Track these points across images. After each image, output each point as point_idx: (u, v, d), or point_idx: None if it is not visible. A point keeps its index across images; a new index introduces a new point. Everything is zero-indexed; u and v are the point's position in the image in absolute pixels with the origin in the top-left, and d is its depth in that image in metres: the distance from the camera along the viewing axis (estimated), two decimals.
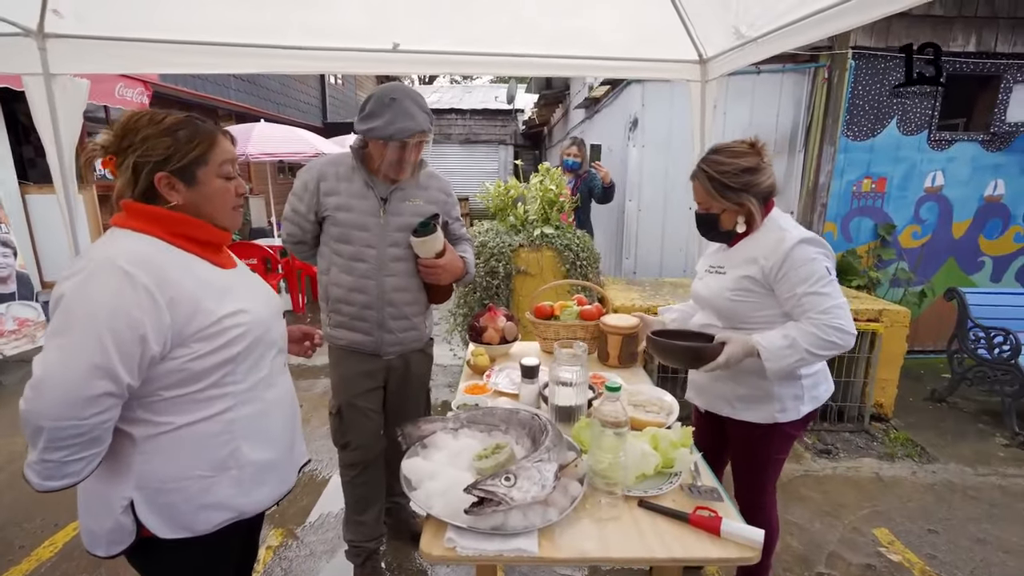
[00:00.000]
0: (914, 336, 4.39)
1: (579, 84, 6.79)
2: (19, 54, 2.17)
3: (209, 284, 0.99)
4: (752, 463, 1.63)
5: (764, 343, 1.37)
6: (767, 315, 1.47)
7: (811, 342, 1.34)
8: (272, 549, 2.15)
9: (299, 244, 1.79)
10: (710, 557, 0.98)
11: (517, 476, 1.01)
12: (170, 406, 0.96)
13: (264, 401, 1.08)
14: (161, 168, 0.97)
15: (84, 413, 0.85)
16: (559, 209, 3.40)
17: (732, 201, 1.45)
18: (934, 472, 2.77)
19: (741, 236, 1.51)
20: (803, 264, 1.37)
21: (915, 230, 4.36)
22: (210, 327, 0.96)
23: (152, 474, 0.95)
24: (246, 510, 1.05)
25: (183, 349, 0.94)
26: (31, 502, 2.41)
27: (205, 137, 1.00)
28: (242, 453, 1.03)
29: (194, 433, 0.98)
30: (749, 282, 1.45)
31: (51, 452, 0.86)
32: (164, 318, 0.90)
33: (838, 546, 2.20)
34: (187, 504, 0.98)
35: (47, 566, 2.06)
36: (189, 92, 6.53)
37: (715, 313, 1.56)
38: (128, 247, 0.93)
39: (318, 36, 2.37)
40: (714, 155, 1.47)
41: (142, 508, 0.95)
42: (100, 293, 0.87)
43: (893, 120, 4.16)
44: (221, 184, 1.03)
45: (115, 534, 0.96)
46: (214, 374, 0.98)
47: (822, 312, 1.35)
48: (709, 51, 2.53)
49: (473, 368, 1.89)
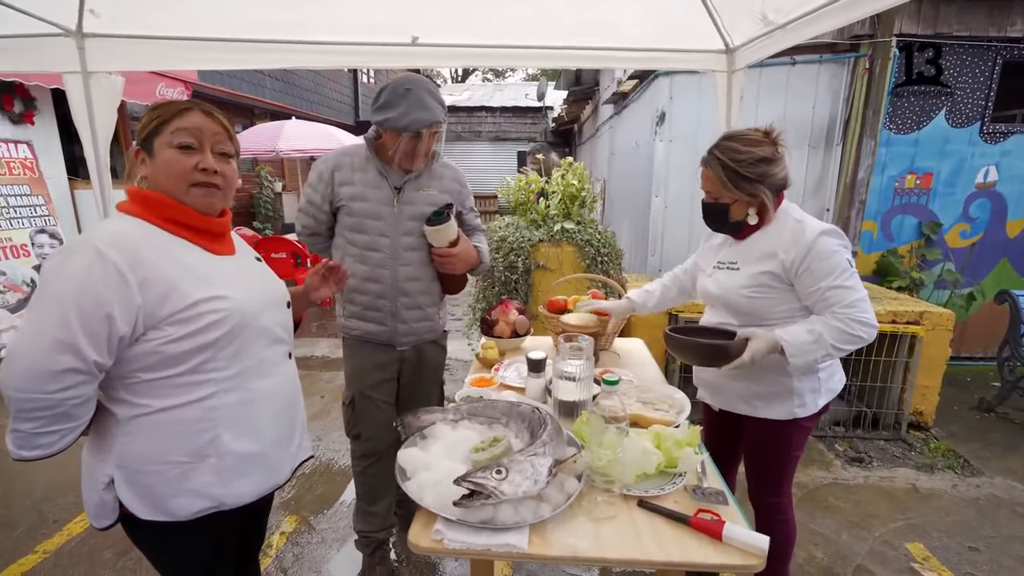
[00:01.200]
0: (961, 342, 4.14)
1: (608, 79, 6.69)
2: (60, 53, 2.27)
3: (189, 268, 0.98)
4: (770, 461, 1.57)
5: (788, 338, 1.33)
6: (786, 310, 1.42)
7: (836, 336, 1.30)
8: (286, 535, 2.20)
9: (313, 236, 1.81)
10: (710, 562, 0.92)
11: (509, 469, 0.98)
12: (149, 388, 0.96)
13: (250, 391, 1.05)
14: (137, 142, 1.01)
15: (48, 387, 0.86)
16: (580, 204, 3.35)
17: (745, 192, 1.38)
18: (978, 486, 2.59)
19: (751, 229, 1.46)
20: (826, 257, 1.32)
21: (964, 229, 4.10)
22: (184, 311, 0.95)
23: (132, 454, 0.96)
24: (226, 501, 1.03)
25: (156, 332, 0.94)
26: (68, 479, 2.53)
27: (167, 110, 1.00)
28: (222, 442, 1.01)
29: (173, 417, 0.97)
30: (768, 277, 1.39)
31: (19, 423, 0.88)
32: (134, 298, 0.90)
33: (867, 559, 2.08)
34: (165, 487, 0.98)
35: (76, 540, 2.16)
36: (226, 91, 6.75)
37: (729, 311, 1.50)
38: (111, 228, 0.95)
39: (338, 31, 2.39)
40: (729, 142, 1.40)
41: (121, 486, 0.96)
42: (71, 271, 0.88)
43: (941, 112, 3.92)
44: (171, 154, 0.99)
45: (100, 508, 0.98)
46: (192, 359, 0.97)
47: (847, 306, 1.31)
48: (736, 40, 2.43)
49: (482, 361, 1.87)
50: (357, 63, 2.76)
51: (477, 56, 2.61)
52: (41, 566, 2.02)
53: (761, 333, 1.35)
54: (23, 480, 2.56)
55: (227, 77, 6.76)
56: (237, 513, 1.08)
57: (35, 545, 2.12)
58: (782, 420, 1.47)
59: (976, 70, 3.82)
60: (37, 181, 4.18)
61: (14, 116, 4.52)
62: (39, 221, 4.10)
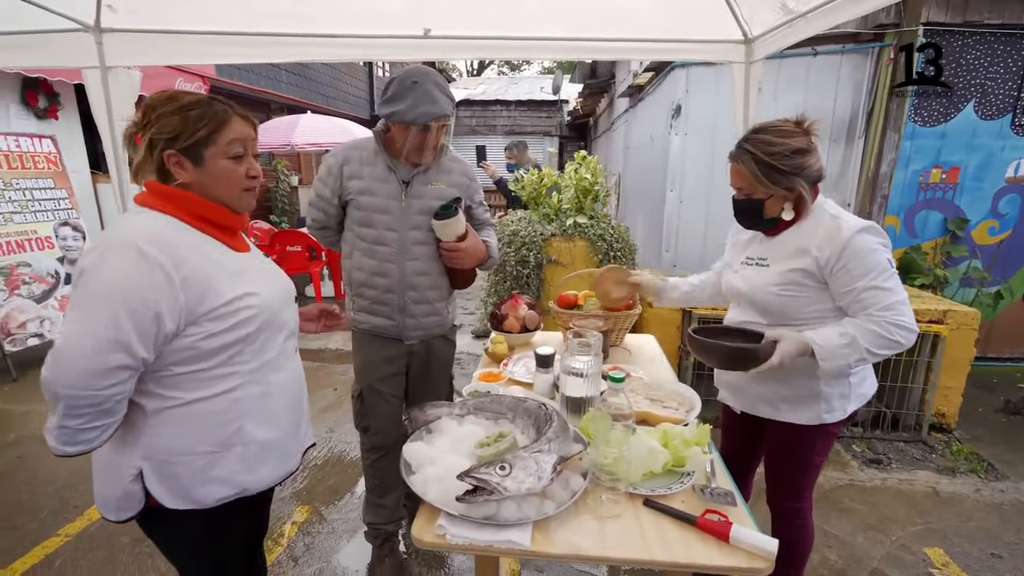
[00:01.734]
0: (987, 342, 4.01)
1: (624, 72, 6.60)
2: (79, 49, 2.32)
3: (222, 266, 1.01)
4: (792, 466, 1.51)
5: (820, 341, 1.26)
6: (817, 310, 1.35)
7: (872, 341, 1.24)
8: (297, 525, 2.23)
9: (324, 230, 1.81)
10: (715, 564, 0.91)
11: (512, 466, 0.97)
12: (180, 381, 0.99)
13: (269, 383, 1.09)
14: (170, 146, 0.99)
15: (100, 384, 0.88)
16: (594, 199, 3.32)
17: (782, 186, 1.31)
18: (1002, 491, 2.51)
19: (785, 225, 1.39)
20: (864, 255, 1.25)
21: (992, 225, 3.96)
22: (221, 307, 0.98)
23: (160, 446, 0.99)
24: (249, 487, 1.07)
25: (195, 328, 0.97)
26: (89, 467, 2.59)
27: (214, 117, 1.00)
28: (246, 431, 1.05)
29: (201, 409, 1.00)
30: (800, 275, 1.33)
31: (68, 419, 0.90)
32: (178, 297, 0.93)
33: (882, 563, 2.03)
34: (192, 477, 1.00)
35: (96, 525, 2.22)
36: (243, 85, 6.82)
37: (756, 309, 1.45)
38: (145, 225, 0.96)
39: (351, 24, 2.39)
40: (761, 135, 1.33)
41: (150, 478, 0.99)
42: (117, 270, 0.90)
43: (970, 103, 3.78)
44: (227, 165, 1.02)
45: (124, 501, 1.00)
46: (223, 353, 1.00)
47: (884, 308, 1.24)
48: (755, 30, 2.36)
49: (491, 356, 1.86)
50: (370, 56, 2.76)
51: (490, 48, 2.59)
52: (63, 548, 2.08)
53: (790, 335, 1.29)
54: (46, 468, 2.63)
55: (244, 72, 6.83)
56: (248, 501, 1.10)
57: (57, 529, 2.19)
58: (807, 425, 1.41)
59: (1008, 60, 3.68)
60: (61, 175, 4.27)
61: (38, 111, 4.63)
62: (62, 214, 4.20)
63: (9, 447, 2.82)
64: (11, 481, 2.53)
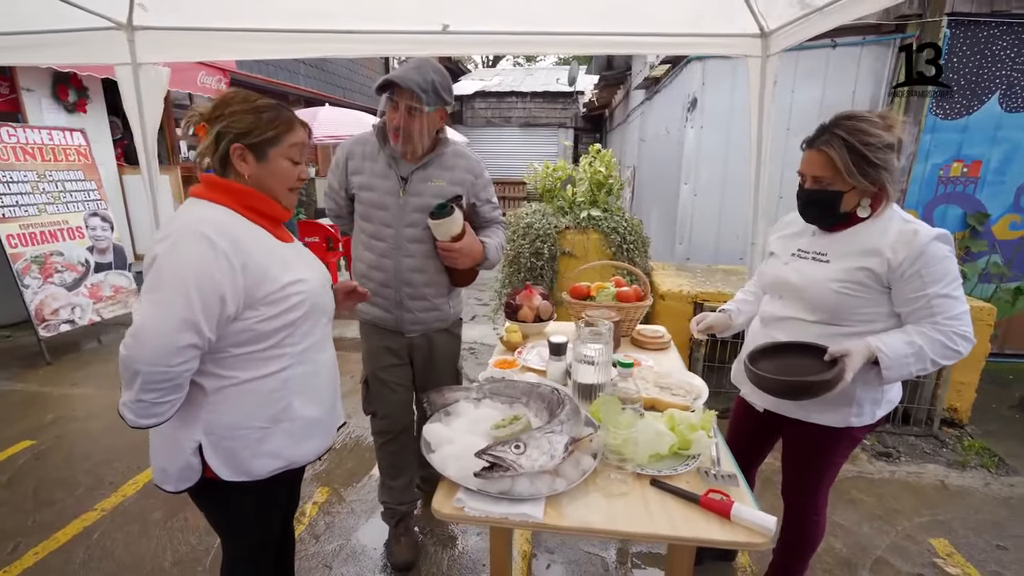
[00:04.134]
0: (1005, 338, 3.98)
1: (640, 64, 6.56)
2: (112, 46, 2.41)
3: (274, 254, 1.10)
4: (813, 466, 1.48)
5: (886, 350, 1.21)
6: (870, 313, 1.30)
7: (937, 351, 1.21)
8: (318, 505, 2.33)
9: (338, 218, 1.88)
10: (716, 539, 0.96)
11: (527, 445, 1.04)
12: (237, 362, 1.08)
13: (315, 363, 1.19)
14: (240, 140, 1.08)
15: (173, 361, 0.97)
16: (607, 192, 3.35)
17: (870, 179, 1.23)
18: (1012, 485, 2.52)
19: (852, 222, 1.32)
20: (939, 262, 1.21)
21: (1014, 220, 3.90)
22: (275, 292, 1.07)
23: (218, 422, 1.08)
24: (296, 460, 1.17)
25: (252, 311, 1.06)
26: (122, 446, 2.74)
27: (283, 121, 1.10)
28: (294, 408, 1.14)
29: (255, 388, 1.09)
30: (865, 275, 1.27)
31: (145, 393, 0.98)
32: (239, 281, 1.02)
33: (887, 552, 2.06)
34: (247, 451, 1.10)
35: (130, 500, 2.34)
36: (263, 79, 6.93)
37: (805, 304, 1.37)
38: (207, 215, 1.05)
39: (372, 20, 2.45)
40: (855, 122, 1.24)
41: (208, 451, 1.08)
42: (188, 256, 0.98)
43: (995, 95, 3.71)
44: (287, 165, 1.12)
45: (184, 472, 1.09)
46: (276, 336, 1.09)
47: (952, 318, 1.21)
48: (771, 24, 2.36)
49: (506, 344, 1.93)
50: (389, 51, 2.81)
51: (507, 43, 2.63)
52: (100, 522, 2.20)
53: (855, 347, 1.22)
54: (82, 447, 2.78)
55: (263, 65, 6.93)
56: (289, 475, 1.20)
57: (95, 504, 2.32)
58: (834, 428, 1.38)
59: None
60: (90, 167, 4.42)
61: (68, 105, 4.78)
62: (92, 205, 4.35)
63: (47, 427, 2.97)
64: (50, 459, 2.67)
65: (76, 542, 2.09)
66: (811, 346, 1.31)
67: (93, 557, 2.01)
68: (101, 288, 4.27)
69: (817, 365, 1.25)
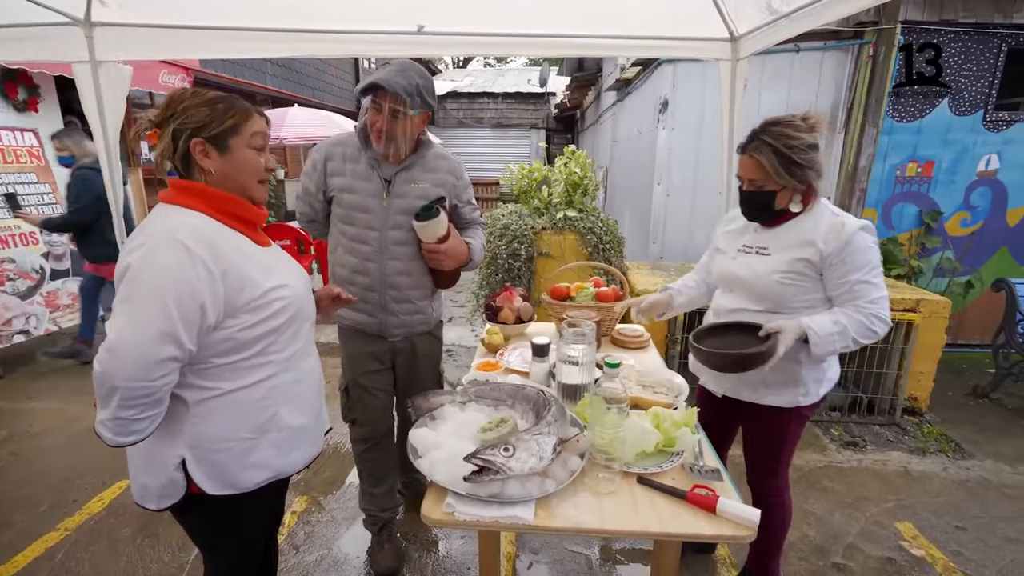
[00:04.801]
0: (959, 329, 4.19)
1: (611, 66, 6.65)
2: (69, 43, 2.29)
3: (253, 259, 1.06)
4: (769, 447, 1.61)
5: (815, 327, 1.34)
6: (810, 299, 1.44)
7: (858, 330, 1.34)
8: (297, 514, 2.28)
9: (312, 223, 1.83)
10: (703, 533, 0.99)
11: (516, 447, 1.04)
12: (220, 372, 1.04)
13: (300, 370, 1.16)
14: (198, 134, 1.04)
15: (153, 375, 0.92)
16: (583, 192, 3.38)
17: (796, 178, 1.36)
18: (968, 469, 2.66)
19: (786, 217, 1.45)
20: (862, 252, 1.35)
21: (964, 217, 4.12)
22: (257, 299, 1.03)
23: (202, 435, 1.04)
24: (284, 470, 1.14)
25: (233, 319, 1.02)
26: (86, 462, 2.61)
27: (240, 110, 1.07)
28: (280, 417, 1.11)
29: (240, 398, 1.06)
30: (803, 265, 1.40)
31: (123, 410, 0.93)
32: (219, 289, 0.98)
33: (857, 538, 2.15)
34: (233, 463, 1.06)
35: (96, 519, 2.24)
36: (228, 78, 6.72)
37: (753, 296, 1.50)
38: (182, 221, 1.00)
39: (344, 20, 2.40)
40: (779, 128, 1.37)
41: (192, 466, 1.03)
42: (164, 264, 0.94)
43: (945, 100, 3.92)
44: (251, 155, 1.08)
45: (167, 489, 1.05)
46: (259, 344, 1.06)
47: (871, 301, 1.35)
48: (741, 28, 2.43)
49: (487, 346, 1.92)
50: (362, 51, 2.77)
51: (482, 44, 2.62)
52: (63, 543, 2.10)
53: (787, 324, 1.34)
54: (41, 463, 2.64)
55: (229, 64, 6.73)
56: (276, 485, 1.17)
57: (56, 523, 2.21)
58: (785, 408, 1.50)
59: (981, 58, 3.81)
60: (43, 169, 4.21)
61: (18, 104, 4.52)
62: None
63: (3, 444, 2.81)
64: (7, 478, 2.53)
65: (37, 565, 1.99)
66: (750, 325, 1.44)
67: None
68: (58, 296, 4.07)
69: (754, 341, 1.38)
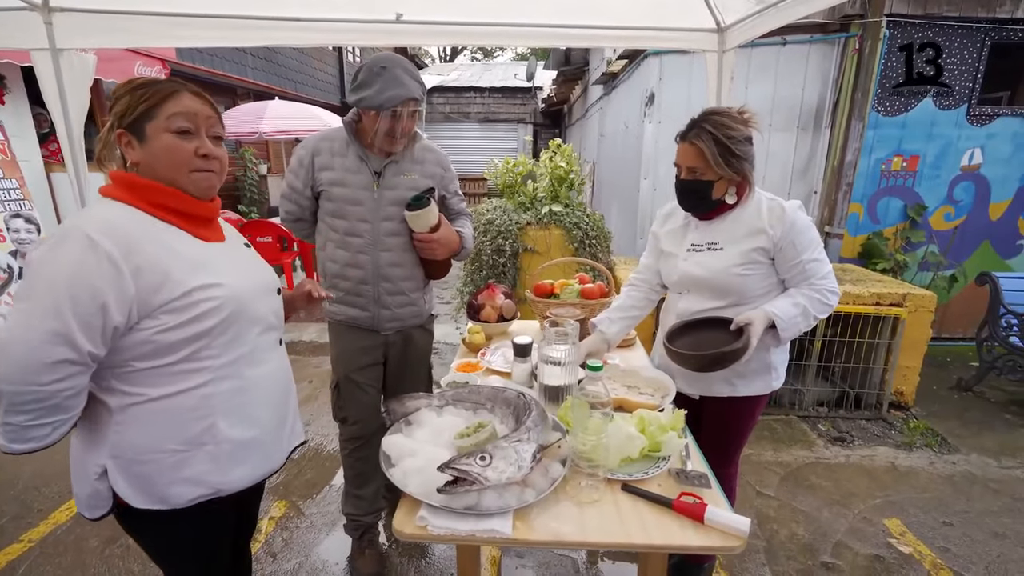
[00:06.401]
0: (942, 323, 4.22)
1: (597, 59, 6.59)
2: (26, 29, 2.17)
3: (181, 256, 0.96)
4: (733, 436, 1.62)
5: (780, 313, 1.36)
6: (767, 285, 1.45)
7: (816, 307, 1.38)
8: (274, 520, 2.20)
9: (298, 222, 1.78)
10: (691, 544, 0.94)
11: (492, 456, 0.98)
12: (143, 377, 0.95)
13: (244, 378, 1.05)
14: (120, 124, 0.96)
15: (42, 379, 0.84)
16: (569, 187, 3.33)
17: (734, 169, 1.37)
18: (954, 463, 2.66)
19: (723, 209, 1.45)
20: (805, 231, 1.38)
21: (948, 211, 4.14)
22: (178, 299, 0.94)
23: (126, 444, 0.95)
24: (223, 488, 1.03)
25: (151, 320, 0.93)
26: (52, 470, 2.51)
27: (157, 92, 0.96)
28: (219, 429, 1.01)
29: (168, 406, 0.96)
30: (758, 253, 1.40)
31: (13, 415, 0.86)
32: (128, 287, 0.89)
33: (846, 536, 2.13)
34: (160, 476, 0.97)
35: (63, 528, 2.14)
36: (207, 70, 6.54)
37: (714, 293, 1.47)
38: (101, 215, 0.93)
39: (321, 7, 2.31)
40: (720, 117, 1.37)
41: (115, 476, 0.95)
42: (63, 260, 0.86)
43: (929, 94, 3.92)
44: (170, 140, 0.97)
45: (93, 499, 0.97)
46: (186, 347, 0.96)
47: (822, 278, 1.39)
48: (727, 18, 2.39)
49: (469, 346, 1.86)
50: (340, 40, 2.67)
51: (463, 34, 2.55)
52: (27, 555, 2.00)
53: (755, 315, 1.36)
54: (7, 471, 2.53)
55: (207, 56, 6.55)
56: (230, 499, 1.07)
57: (20, 534, 2.11)
58: (759, 395, 1.52)
59: (964, 52, 3.82)
60: (10, 164, 4.04)
61: None
62: (13, 205, 3.98)
63: None
64: None
65: None
66: (716, 320, 1.44)
67: None
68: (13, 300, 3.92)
69: (724, 336, 1.38)
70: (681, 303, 1.55)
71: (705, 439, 1.57)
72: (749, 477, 2.50)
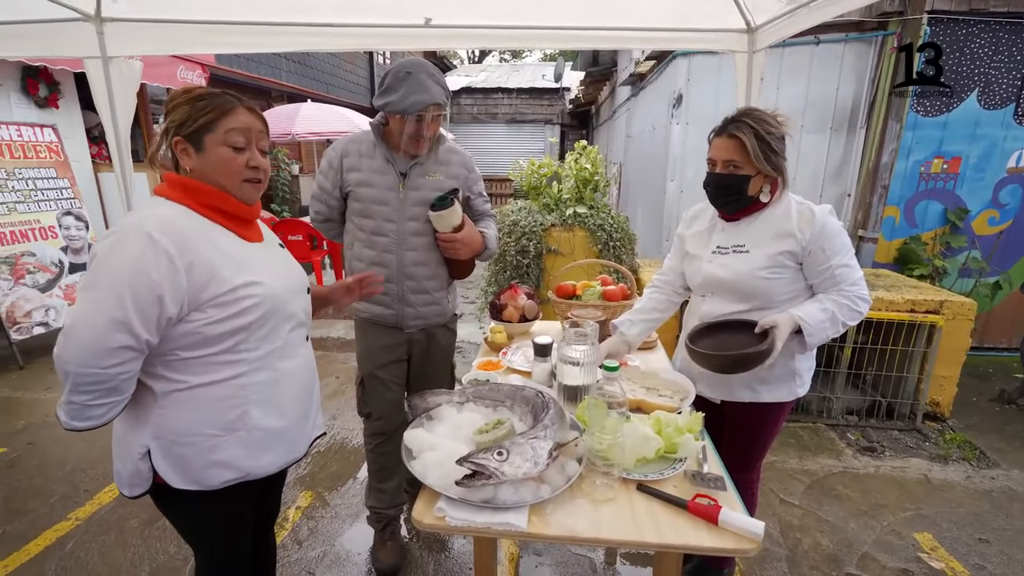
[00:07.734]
0: (984, 332, 4.04)
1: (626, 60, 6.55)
2: (80, 38, 2.32)
3: (227, 255, 1.04)
4: (755, 442, 1.59)
5: (806, 318, 1.34)
6: (794, 290, 1.42)
7: (845, 314, 1.35)
8: (301, 509, 2.28)
9: (327, 222, 1.84)
10: (704, 545, 0.94)
11: (509, 451, 1.01)
12: (187, 366, 1.03)
13: (276, 371, 1.12)
14: (178, 132, 1.03)
15: (104, 363, 0.92)
16: (593, 189, 3.33)
17: (771, 165, 1.36)
18: (992, 478, 2.56)
19: (752, 209, 1.44)
20: (836, 236, 1.36)
21: (992, 215, 3.96)
22: (225, 295, 1.01)
23: (167, 427, 1.03)
24: (252, 472, 1.11)
25: (199, 313, 1.00)
26: (98, 452, 2.66)
27: (218, 106, 1.04)
28: (251, 417, 1.08)
29: (207, 393, 1.04)
30: (786, 257, 1.38)
31: (75, 395, 0.94)
32: (182, 282, 0.96)
33: (872, 547, 2.08)
34: (197, 459, 1.05)
35: (106, 509, 2.27)
36: (244, 74, 6.79)
37: (738, 296, 1.46)
38: (158, 213, 1.00)
39: (353, 13, 2.39)
40: (760, 113, 1.38)
41: (157, 457, 1.03)
42: (125, 255, 0.94)
43: (973, 93, 3.76)
44: (226, 153, 1.05)
45: (135, 477, 1.05)
46: (227, 340, 1.04)
47: (853, 284, 1.36)
48: (758, 19, 2.35)
49: (491, 345, 1.89)
50: (371, 45, 2.75)
51: (491, 37, 2.58)
52: (74, 532, 2.13)
53: (780, 319, 1.33)
54: (56, 453, 2.69)
55: (244, 60, 6.79)
56: (255, 485, 1.14)
57: (68, 512, 2.24)
58: (782, 402, 1.49)
59: (1013, 48, 3.65)
60: (62, 164, 4.28)
61: (39, 100, 4.62)
62: (65, 203, 4.22)
63: (19, 434, 2.87)
64: (22, 467, 2.58)
65: (48, 553, 2.02)
66: (740, 322, 1.42)
67: (66, 569, 1.94)
68: (76, 289, 4.15)
69: (748, 338, 1.36)
70: (704, 306, 1.53)
71: (726, 444, 1.58)
72: (773, 484, 2.46)
